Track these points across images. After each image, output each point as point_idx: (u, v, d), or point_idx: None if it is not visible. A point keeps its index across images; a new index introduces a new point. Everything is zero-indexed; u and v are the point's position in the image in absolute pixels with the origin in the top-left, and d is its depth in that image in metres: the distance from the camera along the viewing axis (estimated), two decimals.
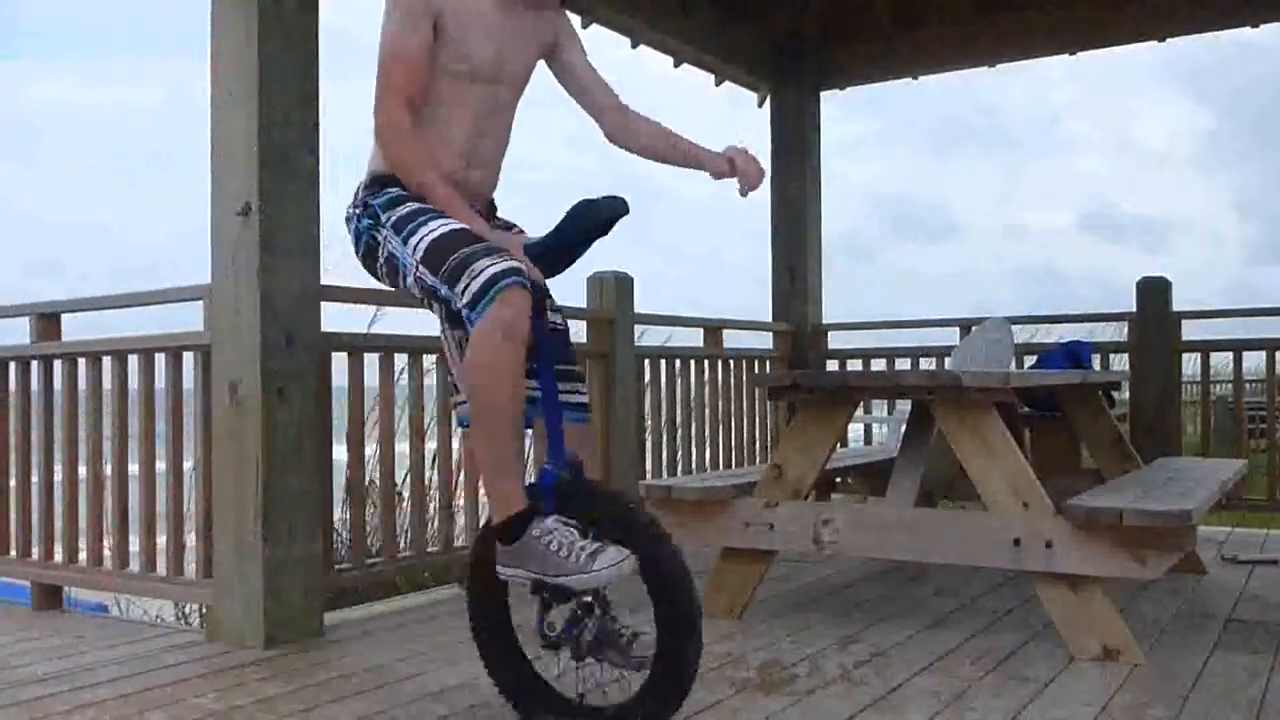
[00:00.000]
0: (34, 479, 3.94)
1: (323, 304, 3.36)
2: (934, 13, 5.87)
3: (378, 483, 3.88)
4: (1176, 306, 5.38)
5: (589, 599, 2.25)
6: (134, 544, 3.66)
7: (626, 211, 2.29)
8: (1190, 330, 5.37)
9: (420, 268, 2.23)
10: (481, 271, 2.14)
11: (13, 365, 3.99)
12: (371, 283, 2.48)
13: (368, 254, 2.38)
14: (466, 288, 2.14)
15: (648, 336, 5.43)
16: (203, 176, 3.27)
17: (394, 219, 2.29)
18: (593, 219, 2.27)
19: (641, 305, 4.95)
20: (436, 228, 2.23)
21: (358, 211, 2.38)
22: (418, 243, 2.23)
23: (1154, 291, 5.37)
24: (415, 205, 2.29)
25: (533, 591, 2.27)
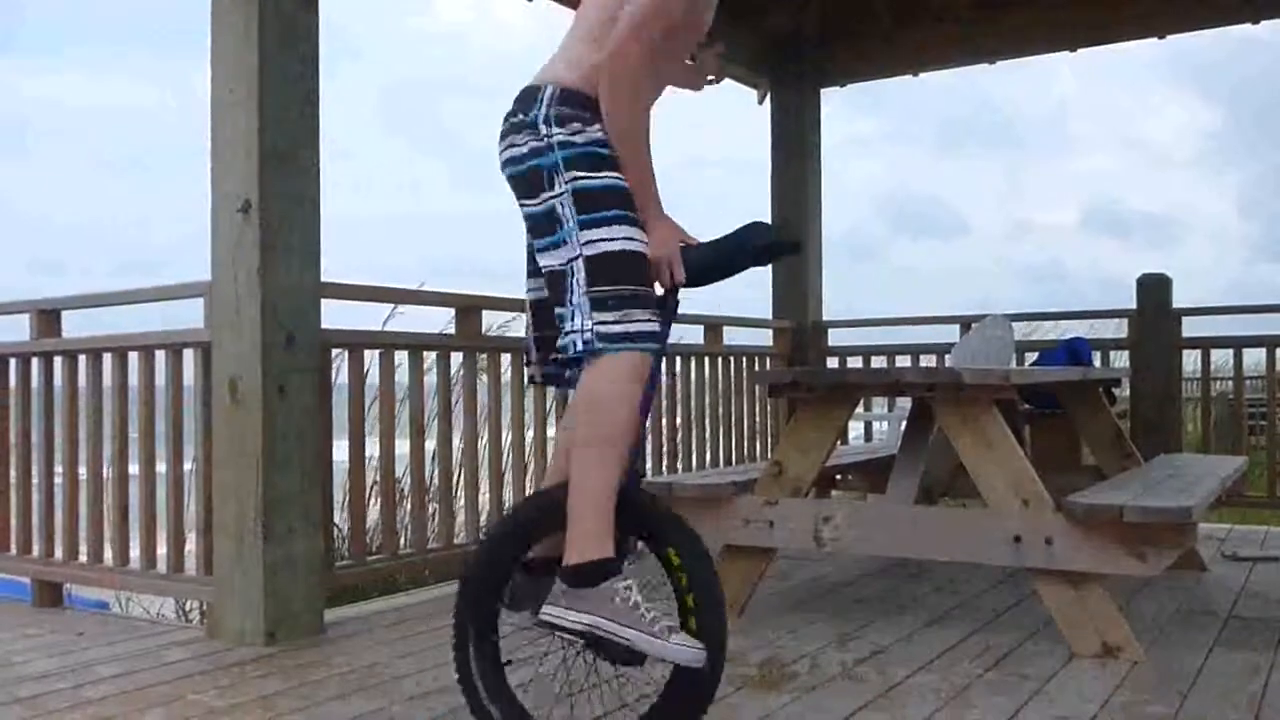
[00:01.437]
0: (34, 476, 3.94)
1: (323, 301, 3.36)
2: (933, 10, 5.87)
3: (378, 480, 3.88)
4: (1179, 304, 5.38)
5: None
6: (134, 541, 3.66)
7: (797, 252, 2.23)
8: (1191, 327, 5.37)
9: (581, 265, 2.08)
10: (639, 321, 2.07)
11: (13, 362, 3.99)
12: (371, 281, 2.48)
13: (525, 178, 2.18)
14: (616, 322, 2.05)
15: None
16: (204, 174, 3.27)
17: (583, 186, 2.10)
18: (761, 246, 2.25)
19: None
20: (620, 239, 2.09)
21: (542, 143, 2.14)
22: (596, 239, 2.08)
23: (1154, 288, 5.36)
24: (609, 183, 2.12)
25: (586, 642, 2.12)
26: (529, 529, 2.28)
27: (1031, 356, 5.47)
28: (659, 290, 2.18)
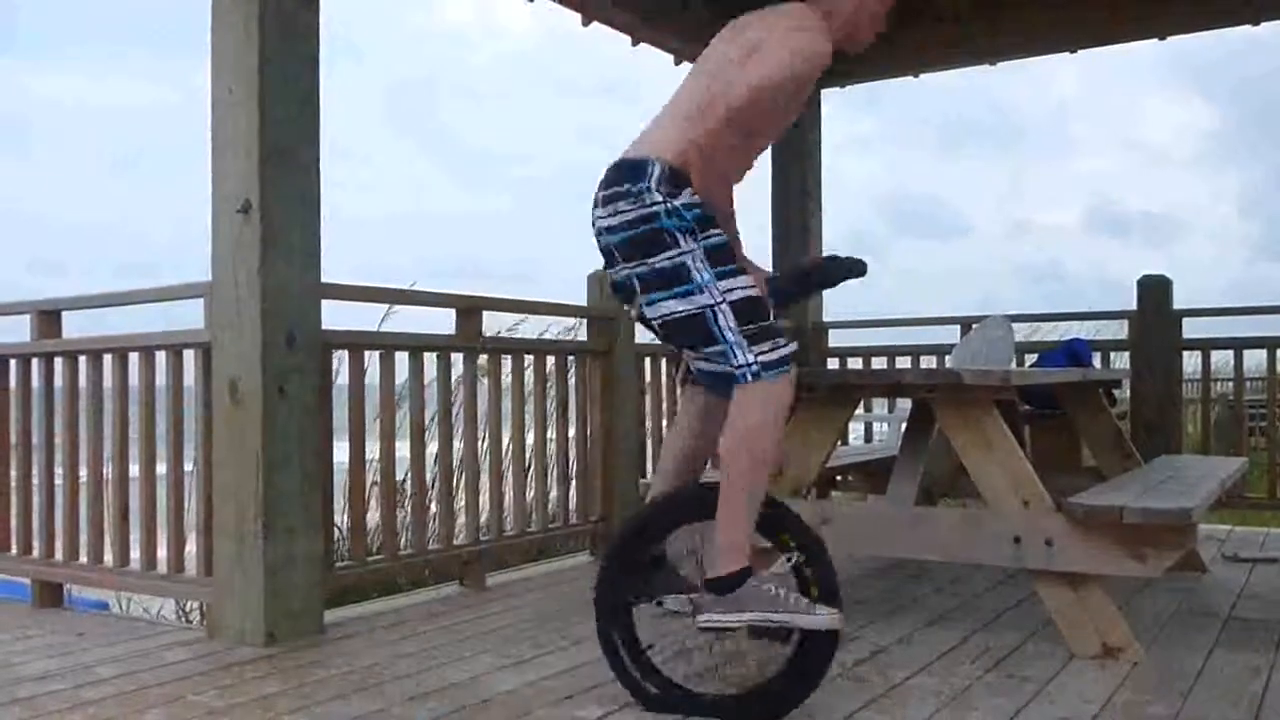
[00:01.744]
0: (35, 476, 3.94)
1: (324, 301, 3.36)
2: (934, 10, 5.86)
3: (379, 480, 3.88)
4: (1180, 304, 5.37)
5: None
6: (135, 542, 3.66)
7: (864, 274, 2.64)
8: (1191, 328, 5.37)
9: (725, 311, 2.40)
10: (782, 347, 2.42)
11: (13, 363, 3.99)
12: (372, 280, 2.49)
13: (642, 239, 2.44)
14: (764, 354, 2.39)
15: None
16: (204, 174, 3.27)
17: (712, 244, 2.43)
18: (832, 275, 2.65)
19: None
20: (749, 285, 2.44)
21: (655, 209, 2.42)
22: (733, 289, 2.41)
23: (1154, 289, 5.36)
24: (723, 240, 2.45)
25: (751, 634, 2.56)
26: (660, 527, 2.58)
27: (1031, 358, 5.47)
28: None
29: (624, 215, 2.45)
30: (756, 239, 6.21)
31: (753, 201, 6.36)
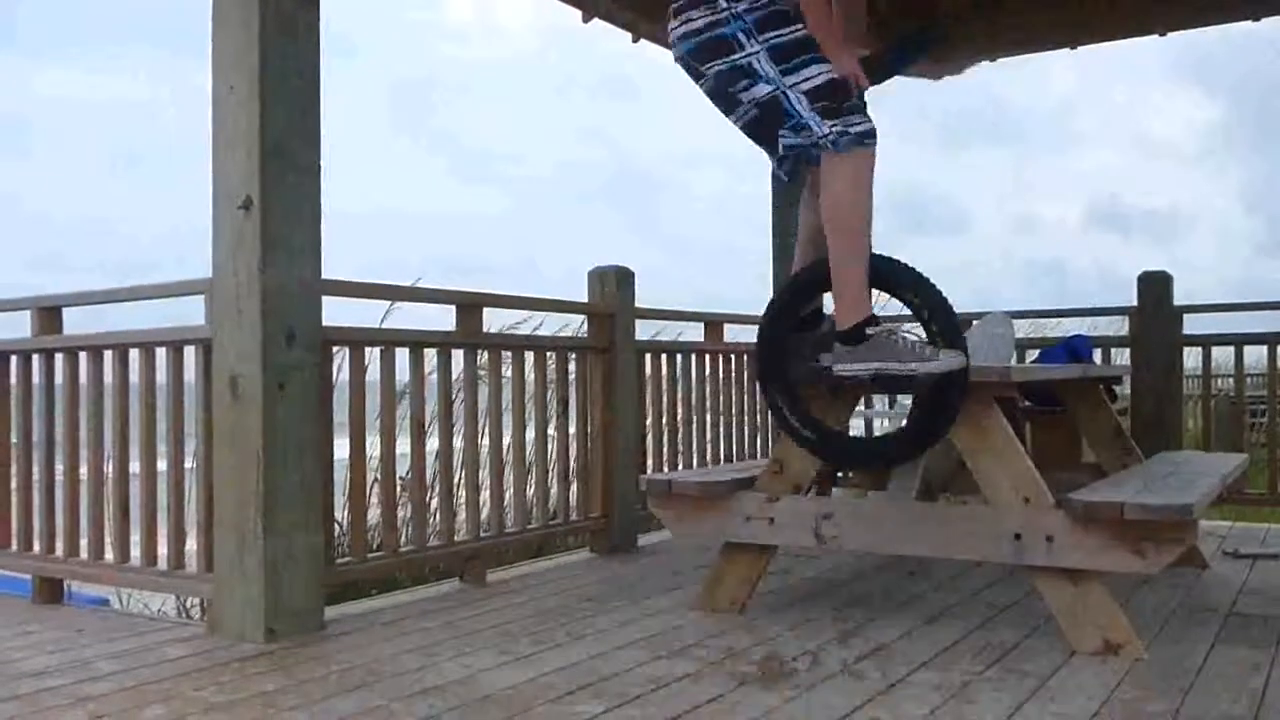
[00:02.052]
0: (35, 472, 3.94)
1: (325, 298, 3.36)
2: (934, 9, 5.86)
3: (379, 477, 3.88)
4: (1183, 300, 5.37)
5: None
6: (135, 538, 3.67)
7: (945, 39, 3.15)
8: (1191, 324, 5.37)
9: (799, 96, 2.77)
10: (857, 124, 2.76)
11: (14, 359, 3.99)
12: (373, 279, 2.49)
13: (716, 47, 2.81)
14: (848, 128, 2.74)
15: (664, 332, 5.45)
16: (206, 171, 3.27)
17: (776, 42, 2.79)
18: (915, 42, 3.00)
19: (649, 299, 4.95)
20: (825, 70, 2.78)
21: (721, 15, 2.79)
22: (803, 79, 2.77)
23: (1155, 285, 5.36)
24: (798, 36, 2.79)
25: (872, 380, 2.86)
26: (806, 294, 3.02)
27: (1032, 354, 5.47)
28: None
29: (693, 23, 2.81)
30: (757, 239, 6.21)
31: (754, 201, 6.37)
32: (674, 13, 2.87)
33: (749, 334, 5.88)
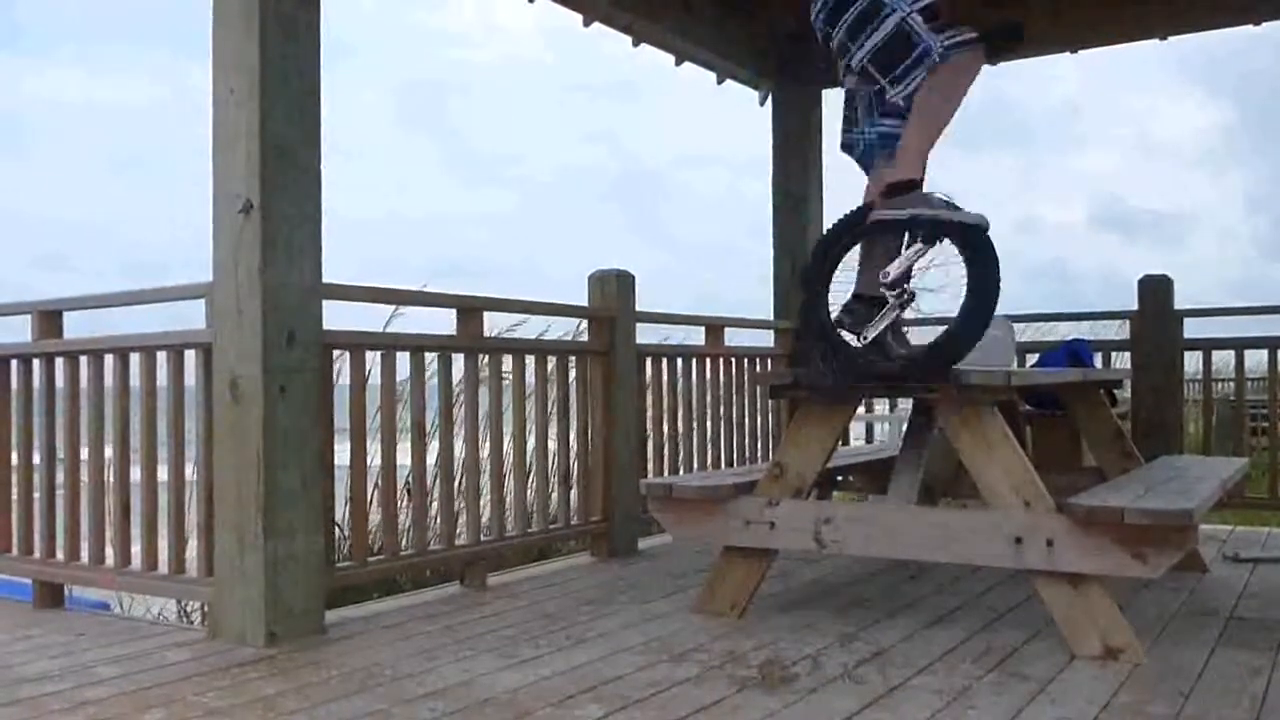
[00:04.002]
0: (35, 477, 3.94)
1: (326, 302, 3.36)
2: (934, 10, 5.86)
3: (380, 481, 3.88)
4: (1187, 303, 5.38)
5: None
6: (136, 542, 3.66)
7: (1020, 37, 3.35)
8: (1192, 328, 5.37)
9: (915, 19, 3.12)
10: (963, 33, 3.09)
11: (14, 363, 3.99)
12: (379, 282, 2.49)
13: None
14: (954, 37, 3.08)
15: (668, 336, 5.45)
16: (206, 173, 3.27)
17: None
18: (995, 38, 3.19)
19: (652, 302, 4.95)
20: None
21: None
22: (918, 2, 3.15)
23: (1156, 289, 5.36)
24: None
25: (909, 222, 3.13)
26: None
27: (1032, 358, 5.47)
28: None
29: None
30: (757, 242, 6.22)
31: (754, 201, 6.37)
32: None
33: (750, 338, 5.89)
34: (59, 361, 3.85)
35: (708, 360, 5.41)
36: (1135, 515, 2.81)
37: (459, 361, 4.09)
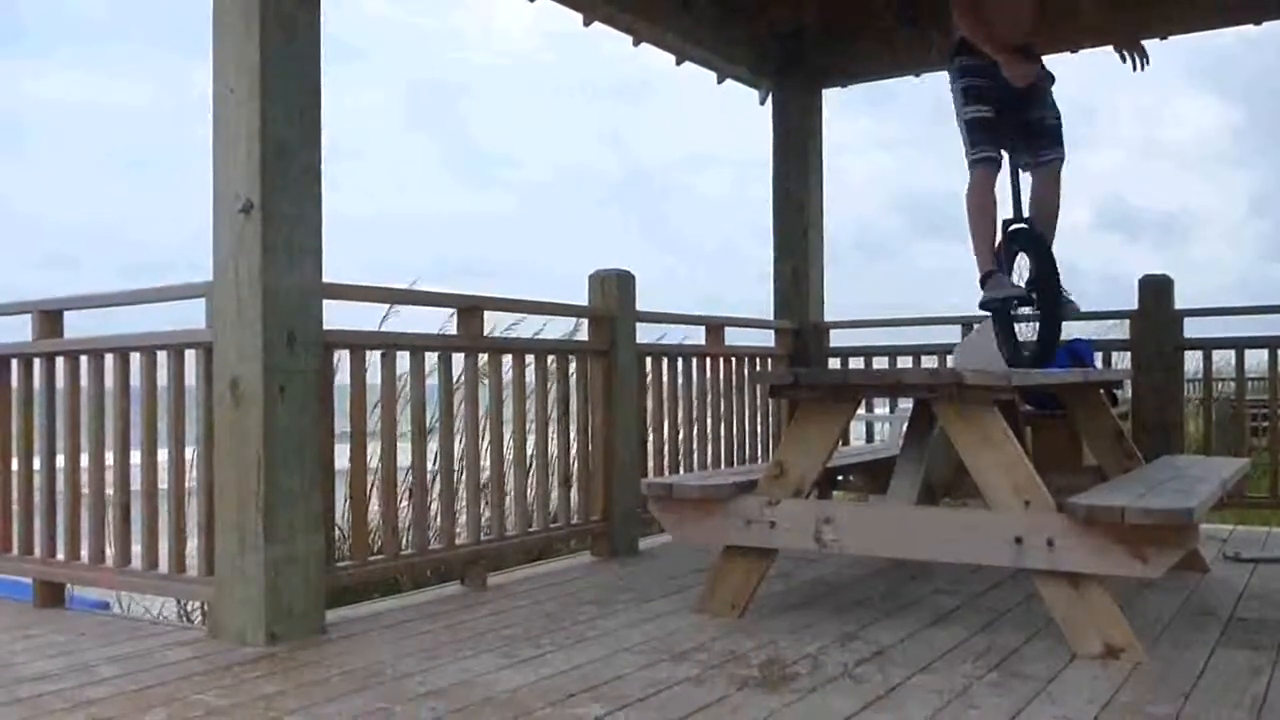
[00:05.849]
0: (36, 476, 3.94)
1: (326, 302, 3.36)
2: (935, 10, 5.85)
3: (380, 480, 3.88)
4: (1193, 303, 5.37)
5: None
6: (136, 541, 3.66)
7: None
8: (1192, 328, 5.37)
9: (963, 126, 4.05)
10: (973, 153, 4.01)
11: (15, 363, 3.99)
12: (381, 281, 2.49)
13: (952, 81, 4.14)
14: (969, 153, 4.02)
15: (664, 335, 5.46)
16: (207, 174, 3.27)
17: (963, 86, 4.06)
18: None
19: (653, 302, 4.95)
20: (971, 112, 4.02)
21: (952, 66, 4.15)
22: (966, 114, 4.04)
23: (1156, 289, 5.36)
24: (969, 83, 4.03)
25: (1001, 300, 4.06)
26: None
27: None
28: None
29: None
30: (756, 242, 6.22)
31: (755, 201, 6.37)
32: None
33: (750, 338, 5.90)
34: (59, 361, 3.85)
35: (708, 360, 5.41)
36: (1136, 515, 2.81)
37: (459, 361, 4.09)
